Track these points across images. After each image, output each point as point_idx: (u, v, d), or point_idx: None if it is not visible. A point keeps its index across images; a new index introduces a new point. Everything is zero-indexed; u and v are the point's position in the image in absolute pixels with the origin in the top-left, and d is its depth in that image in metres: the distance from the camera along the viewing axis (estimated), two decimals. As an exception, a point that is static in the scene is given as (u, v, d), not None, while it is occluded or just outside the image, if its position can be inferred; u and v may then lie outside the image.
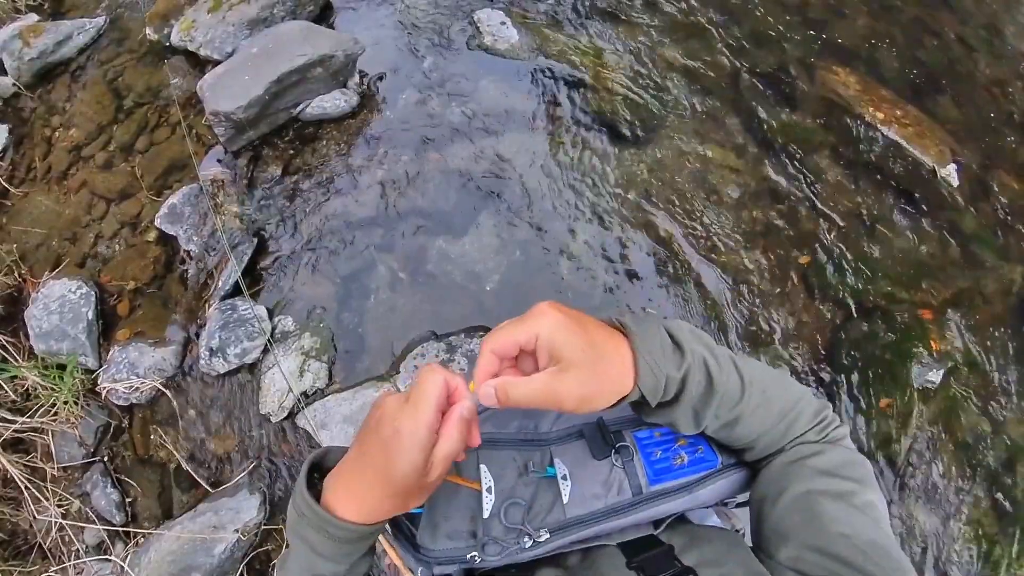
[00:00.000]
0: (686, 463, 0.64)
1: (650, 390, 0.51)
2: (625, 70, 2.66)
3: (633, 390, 0.51)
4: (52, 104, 2.75)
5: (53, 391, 1.99)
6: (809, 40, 2.88)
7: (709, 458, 0.64)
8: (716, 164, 2.45)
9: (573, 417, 0.68)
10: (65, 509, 1.99)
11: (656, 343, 0.52)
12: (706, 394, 0.54)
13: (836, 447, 0.59)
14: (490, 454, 0.64)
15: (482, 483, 0.61)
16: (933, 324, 2.18)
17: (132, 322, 2.14)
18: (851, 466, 0.58)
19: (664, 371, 0.52)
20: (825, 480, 0.55)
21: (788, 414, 0.58)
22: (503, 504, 0.61)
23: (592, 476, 0.63)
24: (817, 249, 2.29)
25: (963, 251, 2.35)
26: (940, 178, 2.50)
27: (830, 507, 0.53)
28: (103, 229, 2.35)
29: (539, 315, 0.50)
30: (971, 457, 1.99)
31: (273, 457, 1.93)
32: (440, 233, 2.21)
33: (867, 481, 0.57)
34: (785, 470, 0.58)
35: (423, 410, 0.49)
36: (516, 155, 2.37)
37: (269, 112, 2.29)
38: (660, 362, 0.51)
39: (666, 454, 0.64)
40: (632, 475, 0.62)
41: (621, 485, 0.62)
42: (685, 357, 0.53)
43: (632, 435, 0.66)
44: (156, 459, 2.01)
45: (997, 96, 2.86)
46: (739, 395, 0.55)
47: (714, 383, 0.54)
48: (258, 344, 1.96)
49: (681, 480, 0.63)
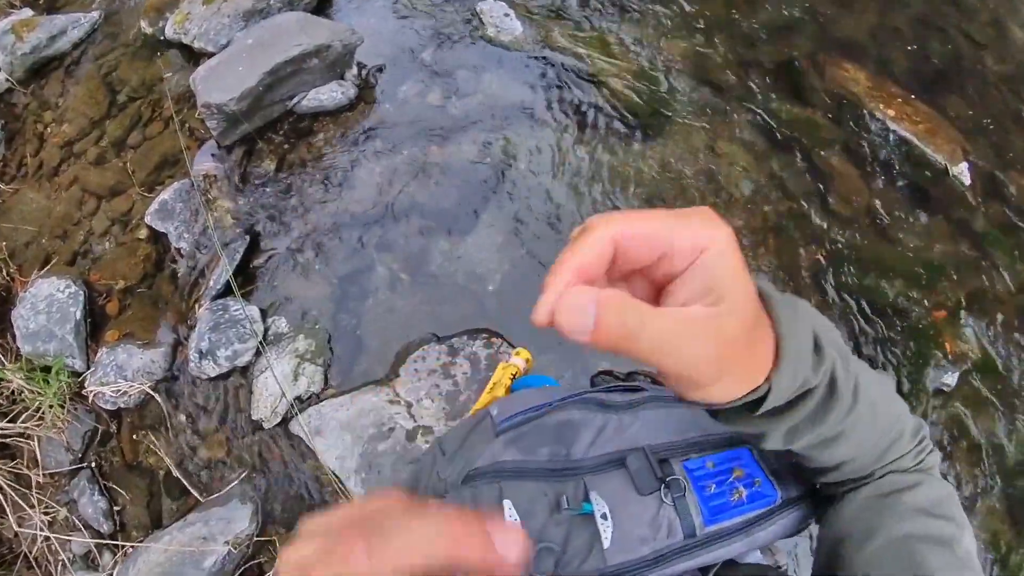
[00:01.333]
0: (744, 499, 0.54)
1: (782, 391, 0.37)
2: (631, 64, 2.59)
3: (761, 386, 0.36)
4: (45, 100, 2.69)
5: (39, 395, 1.91)
6: (817, 35, 2.84)
7: (768, 492, 0.54)
8: (725, 160, 2.38)
9: (611, 441, 0.58)
10: (51, 517, 1.93)
11: (806, 335, 0.38)
12: (821, 408, 0.41)
13: (933, 478, 0.49)
14: (516, 486, 0.55)
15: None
16: (947, 325, 2.14)
17: (121, 323, 2.07)
18: (950, 503, 0.48)
19: (803, 374, 0.38)
20: (925, 522, 0.45)
21: (890, 432, 0.47)
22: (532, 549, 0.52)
23: (637, 515, 0.53)
24: (828, 248, 2.23)
25: (976, 251, 2.31)
26: (952, 176, 2.46)
27: (934, 559, 0.43)
28: (94, 226, 2.28)
29: (709, 222, 0.31)
30: (986, 461, 1.95)
31: (266, 465, 1.85)
32: (441, 231, 2.12)
33: (964, 521, 0.48)
34: (875, 505, 0.47)
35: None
36: (520, 150, 2.29)
37: (263, 105, 2.21)
38: (804, 361, 0.37)
39: (721, 488, 0.54)
40: (684, 514, 0.52)
41: (672, 526, 0.52)
42: (824, 360, 0.39)
43: (681, 465, 0.56)
44: (145, 466, 1.93)
45: (1005, 94, 2.84)
46: (849, 407, 0.42)
47: (835, 395, 0.41)
48: (250, 346, 1.87)
49: (738, 519, 0.53)
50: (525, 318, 1.52)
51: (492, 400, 0.81)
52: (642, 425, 0.61)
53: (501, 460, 0.60)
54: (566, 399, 0.66)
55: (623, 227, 0.31)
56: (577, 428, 0.62)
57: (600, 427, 0.61)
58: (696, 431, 0.60)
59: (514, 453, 0.58)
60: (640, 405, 0.64)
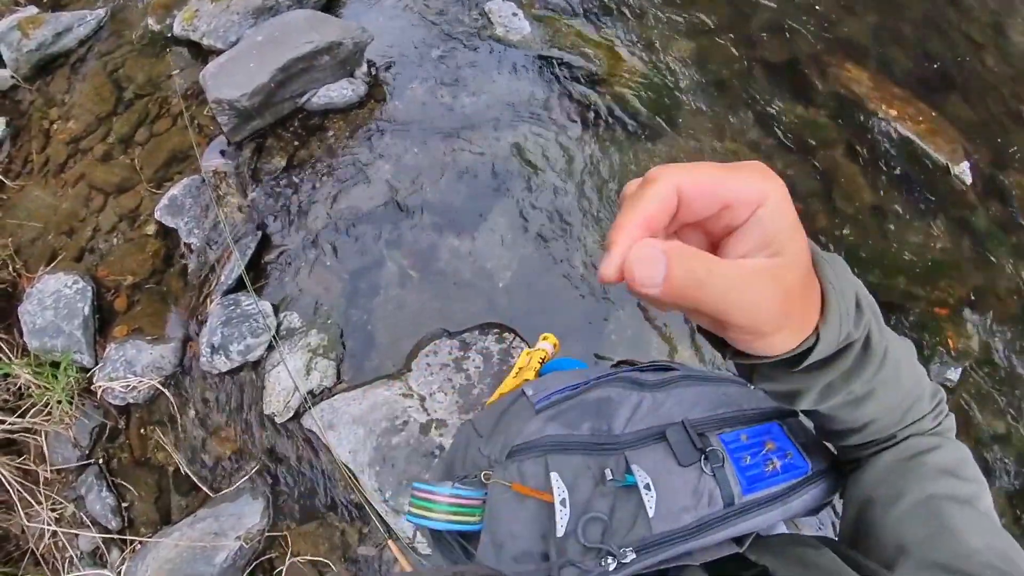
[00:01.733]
0: (779, 469, 0.55)
1: (828, 343, 0.38)
2: (638, 63, 2.61)
3: (808, 338, 0.37)
4: (51, 96, 2.68)
5: (46, 390, 1.90)
6: (820, 36, 2.87)
7: (799, 464, 0.56)
8: (731, 159, 2.38)
9: (647, 418, 0.59)
10: (59, 513, 1.91)
11: (850, 291, 0.39)
12: (857, 364, 0.43)
13: (951, 440, 0.51)
14: (561, 460, 0.55)
15: (555, 494, 0.52)
16: (949, 322, 2.16)
17: (130, 318, 2.06)
18: (969, 464, 0.50)
19: (847, 328, 0.39)
20: (949, 482, 0.47)
21: (912, 393, 0.48)
22: (580, 519, 0.51)
23: (679, 485, 0.54)
24: (832, 246, 2.25)
25: (977, 249, 2.34)
26: (954, 176, 2.49)
27: (960, 517, 0.44)
28: (101, 223, 2.27)
29: (765, 174, 0.32)
30: (988, 458, 1.96)
31: (278, 460, 1.84)
32: (450, 228, 2.13)
33: (983, 480, 0.49)
34: (899, 468, 0.49)
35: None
36: (528, 148, 2.30)
37: (274, 101, 2.21)
38: (848, 315, 0.39)
39: (755, 460, 0.55)
40: (724, 483, 0.53)
41: (712, 495, 0.53)
42: (863, 316, 0.41)
43: (718, 438, 0.57)
44: (154, 462, 1.92)
45: (1006, 95, 2.88)
46: (879, 364, 0.44)
47: (870, 351, 0.43)
48: (262, 341, 1.87)
49: (774, 488, 0.54)
50: (536, 314, 1.55)
51: (519, 384, 0.82)
52: (676, 402, 0.62)
53: (545, 435, 0.60)
54: (601, 379, 0.67)
55: (687, 177, 0.31)
56: (615, 405, 0.62)
57: (636, 404, 0.62)
58: (728, 407, 0.62)
59: (556, 428, 0.59)
60: (672, 384, 0.65)
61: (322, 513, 1.77)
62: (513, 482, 0.55)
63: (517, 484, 0.54)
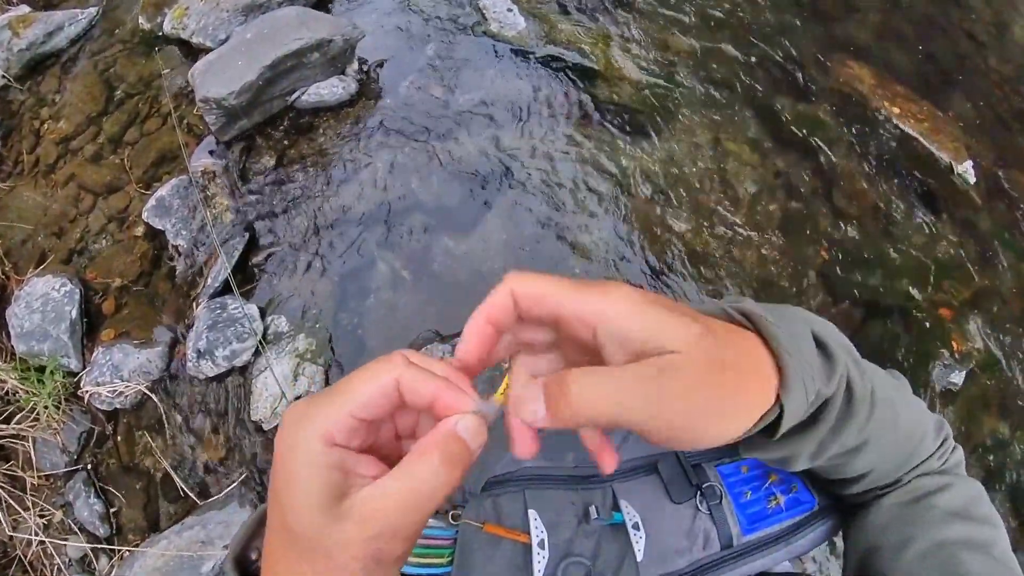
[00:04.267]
0: (782, 505, 0.50)
1: (795, 410, 0.34)
2: (636, 60, 2.56)
3: (772, 410, 0.34)
4: (42, 96, 2.65)
5: (33, 395, 1.87)
6: (822, 33, 2.84)
7: (805, 499, 0.51)
8: (731, 157, 2.36)
9: (638, 446, 0.54)
10: (47, 520, 1.88)
11: (807, 346, 0.36)
12: (843, 417, 0.39)
13: (961, 477, 0.47)
14: (541, 495, 0.51)
15: (532, 535, 0.48)
16: (953, 324, 2.13)
17: (117, 321, 2.03)
18: (982, 502, 0.45)
19: (815, 387, 0.35)
20: (961, 526, 0.43)
21: (912, 436, 0.44)
22: (560, 563, 0.47)
23: (672, 525, 0.49)
24: (834, 246, 2.22)
25: (980, 249, 2.31)
26: (957, 175, 2.47)
27: (974, 564, 0.40)
28: (90, 224, 2.24)
29: (605, 292, 0.31)
30: (991, 462, 1.93)
31: (266, 467, 1.81)
32: (444, 229, 2.09)
33: (998, 520, 0.45)
34: (906, 512, 0.44)
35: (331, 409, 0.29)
36: (524, 147, 2.26)
37: (263, 99, 2.17)
38: (813, 374, 0.35)
39: (757, 495, 0.51)
40: (721, 523, 0.49)
41: (708, 536, 0.49)
42: (836, 367, 0.37)
43: (716, 471, 0.52)
44: (142, 467, 1.89)
45: (1008, 94, 2.86)
46: (869, 413, 0.39)
47: (853, 402, 0.38)
48: (249, 346, 1.83)
49: (777, 527, 0.50)
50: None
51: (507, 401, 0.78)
52: None
53: (523, 466, 0.56)
54: None
55: (521, 286, 0.32)
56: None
57: (625, 433, 0.57)
58: None
59: (539, 459, 0.54)
60: None
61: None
62: (486, 522, 0.50)
63: (490, 525, 0.49)
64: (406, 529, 0.28)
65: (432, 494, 0.28)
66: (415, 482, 0.28)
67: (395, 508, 0.28)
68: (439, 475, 0.28)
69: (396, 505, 0.28)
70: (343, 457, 0.29)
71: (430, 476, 0.28)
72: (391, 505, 0.28)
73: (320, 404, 0.30)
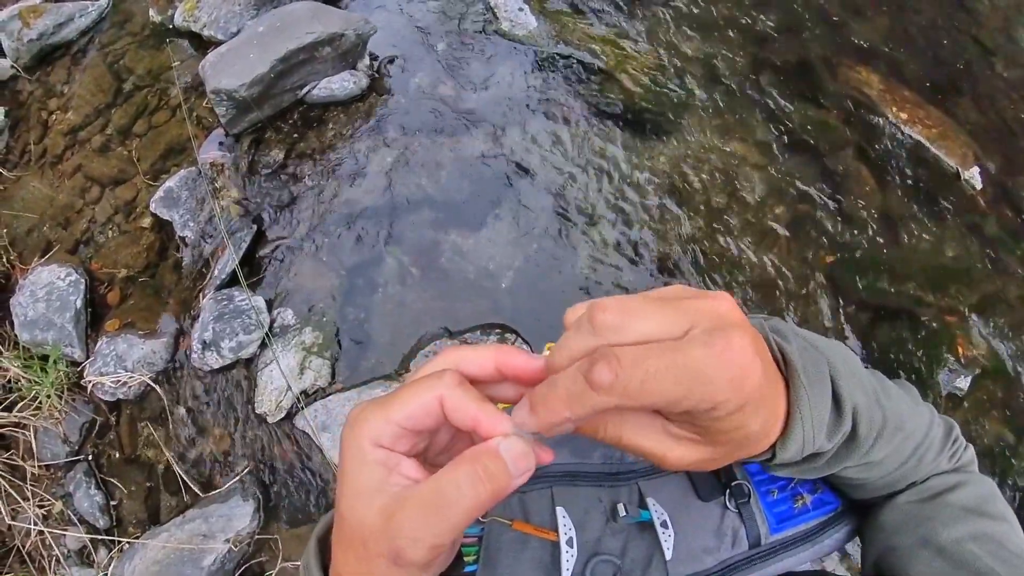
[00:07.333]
0: (808, 505, 0.50)
1: (787, 458, 0.36)
2: (646, 61, 2.56)
3: (764, 454, 0.35)
4: (50, 87, 2.65)
5: (36, 384, 1.86)
6: (830, 38, 2.84)
7: (829, 499, 0.50)
8: (738, 159, 2.36)
9: None
10: (46, 511, 1.86)
11: (823, 405, 0.36)
12: (844, 450, 0.40)
13: (973, 475, 0.47)
14: (569, 492, 0.50)
15: (560, 533, 0.47)
16: (959, 328, 2.13)
17: (122, 312, 2.02)
18: (995, 498, 0.46)
19: (816, 445, 0.36)
20: (976, 522, 0.42)
21: (920, 447, 0.44)
22: (589, 561, 0.46)
23: (700, 523, 0.48)
24: (841, 249, 2.21)
25: (987, 255, 2.30)
26: (964, 180, 2.46)
27: (989, 559, 0.40)
28: (96, 214, 2.24)
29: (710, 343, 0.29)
30: (997, 467, 1.93)
31: (269, 461, 1.79)
32: (452, 225, 2.08)
33: (1011, 515, 0.45)
34: (921, 510, 0.44)
35: (379, 414, 0.30)
36: (533, 145, 2.25)
37: (274, 92, 2.17)
38: (817, 432, 0.36)
39: (783, 494, 0.50)
40: (750, 521, 0.48)
41: (736, 534, 0.48)
42: (842, 421, 0.37)
43: (744, 469, 0.51)
44: (144, 459, 1.88)
45: (1016, 100, 2.86)
46: (874, 439, 0.40)
47: (857, 438, 0.39)
48: (255, 338, 1.82)
49: (802, 527, 0.49)
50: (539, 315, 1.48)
51: None
52: None
53: (552, 463, 0.55)
54: None
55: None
56: None
57: None
58: None
59: (565, 455, 0.53)
60: None
61: (315, 517, 1.72)
62: (514, 519, 0.49)
63: (519, 522, 0.48)
64: (427, 533, 0.28)
65: (456, 504, 0.28)
66: (439, 489, 0.29)
67: (415, 508, 0.29)
68: (462, 487, 0.28)
69: (416, 506, 0.29)
70: (387, 456, 0.31)
71: (454, 487, 0.29)
72: (412, 505, 0.29)
73: (372, 408, 0.32)
